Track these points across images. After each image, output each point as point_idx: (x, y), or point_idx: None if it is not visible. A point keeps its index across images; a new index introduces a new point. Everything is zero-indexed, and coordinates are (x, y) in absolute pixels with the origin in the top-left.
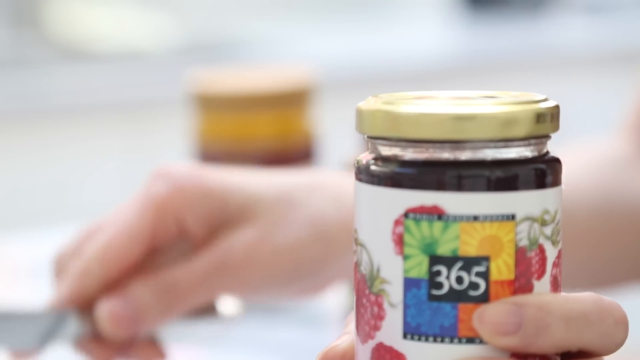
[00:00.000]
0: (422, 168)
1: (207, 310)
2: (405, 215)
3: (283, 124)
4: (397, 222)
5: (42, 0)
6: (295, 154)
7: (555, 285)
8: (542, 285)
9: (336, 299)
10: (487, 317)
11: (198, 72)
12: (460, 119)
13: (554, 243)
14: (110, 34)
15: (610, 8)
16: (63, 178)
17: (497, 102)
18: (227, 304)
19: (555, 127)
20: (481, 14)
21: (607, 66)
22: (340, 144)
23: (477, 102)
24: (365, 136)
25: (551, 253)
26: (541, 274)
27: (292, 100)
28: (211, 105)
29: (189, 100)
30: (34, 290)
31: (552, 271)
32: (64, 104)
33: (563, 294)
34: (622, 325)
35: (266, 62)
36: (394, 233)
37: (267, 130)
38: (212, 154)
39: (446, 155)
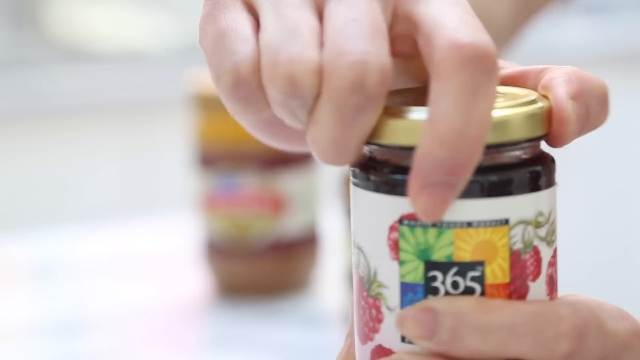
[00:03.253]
0: None
1: None
2: (400, 221)
3: None
4: (392, 228)
5: (42, 0)
6: (294, 154)
7: (551, 285)
8: (537, 286)
9: (336, 299)
10: (405, 323)
11: (198, 72)
12: None
13: (549, 243)
14: (110, 34)
15: (610, 8)
16: (63, 178)
17: None
18: None
19: (549, 127)
20: None
21: (607, 66)
22: None
23: None
24: None
25: (546, 253)
26: (536, 275)
27: None
28: (211, 105)
29: (189, 100)
30: (34, 290)
31: (547, 271)
32: (64, 104)
33: (500, 300)
34: (566, 338)
35: None
36: (389, 239)
37: None
38: (211, 155)
39: None
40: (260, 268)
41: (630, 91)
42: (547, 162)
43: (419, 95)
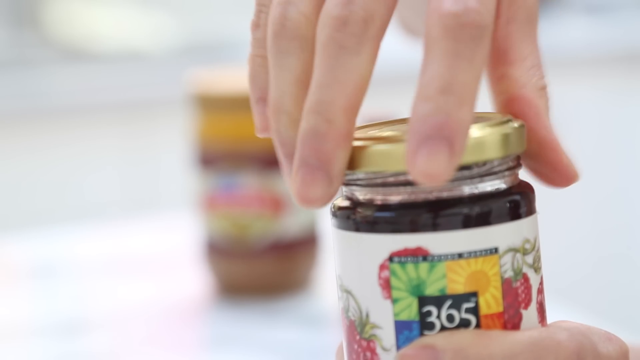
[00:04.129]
0: (400, 211)
1: None
2: (390, 259)
3: None
4: (382, 267)
5: (42, 0)
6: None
7: (542, 312)
8: (529, 314)
9: (336, 299)
10: None
11: (198, 72)
12: None
13: (536, 270)
14: (110, 34)
15: (610, 8)
16: (63, 178)
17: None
18: None
19: (522, 146)
20: None
21: (607, 66)
22: None
23: None
24: None
25: (535, 281)
26: (528, 303)
27: None
28: (211, 105)
29: (188, 100)
30: (34, 290)
31: (537, 298)
32: (64, 104)
33: (497, 331)
34: None
35: None
36: (380, 278)
37: None
38: (211, 154)
39: (423, 195)
40: (260, 268)
41: (630, 91)
42: (528, 189)
43: (400, 125)
